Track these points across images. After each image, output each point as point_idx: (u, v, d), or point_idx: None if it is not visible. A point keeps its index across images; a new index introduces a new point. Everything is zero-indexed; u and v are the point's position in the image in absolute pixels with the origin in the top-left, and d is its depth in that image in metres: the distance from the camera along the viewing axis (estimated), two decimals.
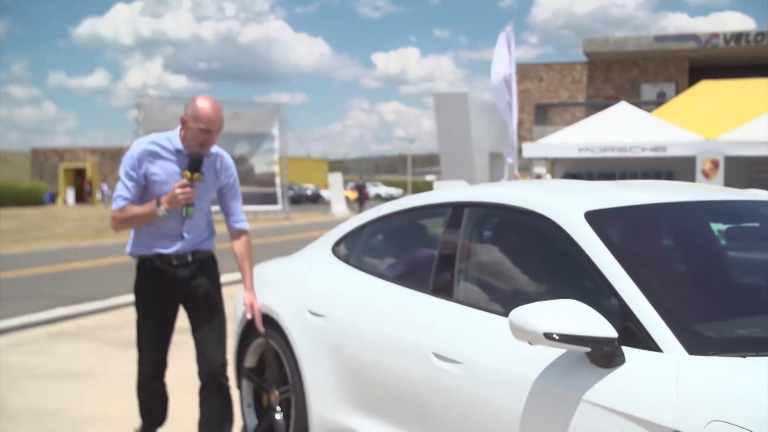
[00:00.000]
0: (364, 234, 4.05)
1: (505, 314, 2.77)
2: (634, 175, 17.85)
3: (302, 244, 4.92)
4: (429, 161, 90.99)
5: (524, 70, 33.63)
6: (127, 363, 6.47)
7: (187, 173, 3.68)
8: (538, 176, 18.37)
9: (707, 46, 32.12)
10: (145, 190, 3.75)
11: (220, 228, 4.05)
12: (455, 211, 3.46)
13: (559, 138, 16.39)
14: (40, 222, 30.00)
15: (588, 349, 2.39)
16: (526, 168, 21.11)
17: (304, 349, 3.80)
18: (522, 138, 23.84)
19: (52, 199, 53.20)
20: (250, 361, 4.31)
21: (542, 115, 31.42)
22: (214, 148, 3.85)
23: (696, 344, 2.35)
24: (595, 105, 31.12)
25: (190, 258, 3.85)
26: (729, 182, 14.24)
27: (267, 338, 4.07)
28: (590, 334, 2.34)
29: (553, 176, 18.48)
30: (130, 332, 8.06)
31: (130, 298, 9.55)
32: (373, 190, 59.51)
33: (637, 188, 3.58)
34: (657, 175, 17.54)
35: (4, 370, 6.41)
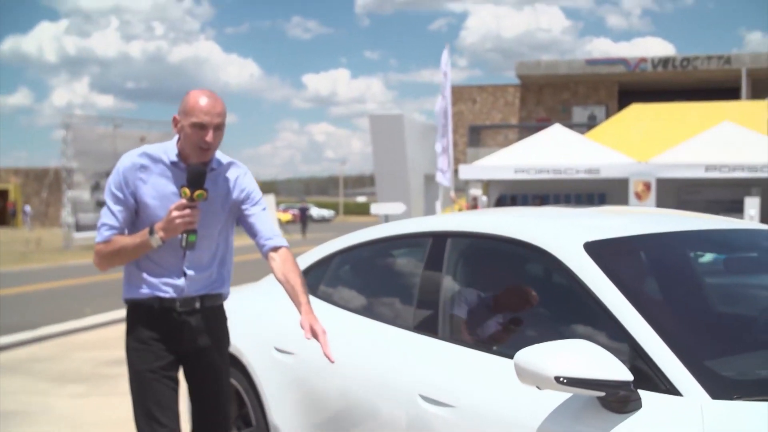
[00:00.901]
0: (333, 265, 3.72)
1: (502, 354, 2.59)
2: (567, 197, 18.00)
3: (237, 270, 4.65)
4: (360, 182, 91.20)
5: (458, 93, 33.83)
6: (66, 399, 6.18)
7: (186, 190, 2.87)
8: (475, 198, 18.37)
9: (636, 70, 32.81)
10: (136, 216, 3.01)
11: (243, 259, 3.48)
12: (436, 241, 3.20)
13: (495, 160, 16.43)
14: None
15: (602, 394, 2.17)
16: (462, 190, 21.12)
17: (270, 389, 3.48)
18: (456, 160, 23.88)
19: None
20: None
21: (476, 137, 31.58)
22: (224, 158, 3.12)
23: (718, 387, 2.17)
24: (527, 127, 31.42)
25: (198, 304, 3.05)
26: (660, 204, 14.43)
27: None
28: (604, 377, 2.13)
29: (489, 198, 18.51)
30: (66, 365, 7.83)
31: (63, 327, 9.52)
32: None
33: (629, 217, 3.39)
34: (590, 197, 17.74)
35: None
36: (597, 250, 2.66)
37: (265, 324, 3.69)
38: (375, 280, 3.68)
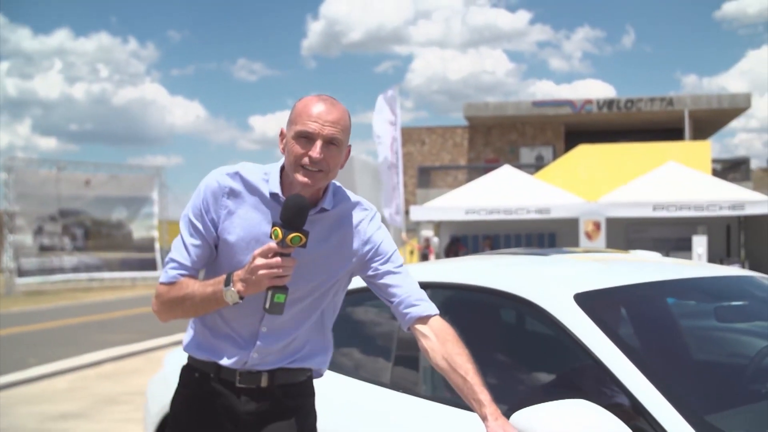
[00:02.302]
0: None
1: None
2: (518, 237, 18.11)
3: None
4: None
5: (407, 134, 34.03)
6: None
7: (278, 231, 2.05)
8: (427, 239, 18.36)
9: (581, 111, 33.41)
10: (216, 255, 2.27)
11: None
12: None
13: (446, 201, 16.46)
14: None
15: None
16: (412, 230, 21.10)
17: None
18: (406, 201, 23.89)
19: None
20: None
21: (425, 177, 31.74)
22: (348, 196, 2.35)
23: None
24: (476, 168, 31.71)
25: (264, 381, 2.29)
26: (610, 243, 14.60)
27: None
28: None
29: (440, 239, 18.51)
30: (9, 421, 7.39)
31: (4, 379, 9.09)
32: None
33: (612, 264, 3.28)
34: (540, 238, 17.88)
35: None
36: (588, 302, 2.53)
37: None
38: (346, 334, 3.45)
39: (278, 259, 2.04)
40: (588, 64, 73.51)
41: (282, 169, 2.25)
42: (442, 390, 2.82)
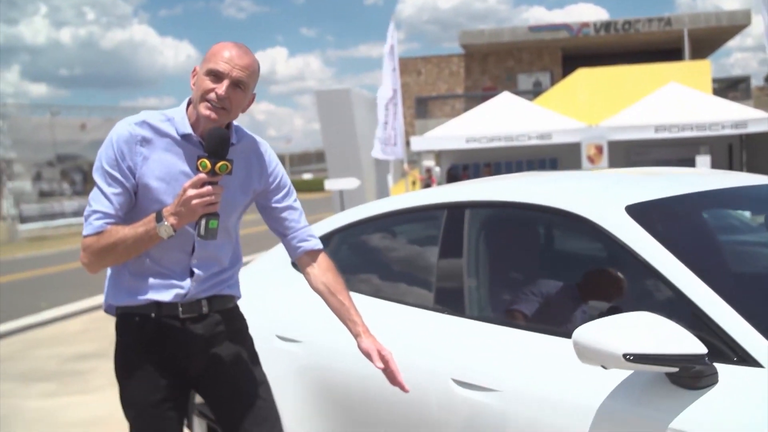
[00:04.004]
0: (332, 245, 3.40)
1: (545, 332, 2.38)
2: (519, 164, 18.06)
3: None
4: (305, 159, 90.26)
5: (402, 65, 33.60)
6: (37, 400, 5.86)
7: (206, 162, 2.21)
8: (429, 169, 18.34)
9: (579, 35, 33.04)
10: (136, 201, 2.37)
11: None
12: (452, 213, 2.93)
13: (446, 130, 16.36)
14: None
15: (675, 370, 1.99)
16: (413, 161, 21.05)
17: (273, 380, 3.08)
18: (405, 132, 23.79)
19: None
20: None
21: (423, 108, 31.53)
22: (246, 132, 2.52)
23: None
24: (473, 96, 31.47)
25: (205, 308, 2.47)
26: (612, 166, 14.57)
27: None
28: (677, 351, 1.94)
29: (441, 169, 18.48)
30: (29, 363, 7.44)
31: (20, 323, 9.16)
32: None
33: (664, 177, 3.10)
34: (542, 163, 17.83)
35: None
36: (641, 213, 2.43)
37: (260, 311, 3.31)
38: (382, 259, 3.39)
39: (209, 187, 2.21)
40: None
41: (187, 109, 2.40)
42: (491, 311, 2.76)
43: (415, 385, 2.56)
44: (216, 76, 2.27)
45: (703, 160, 13.87)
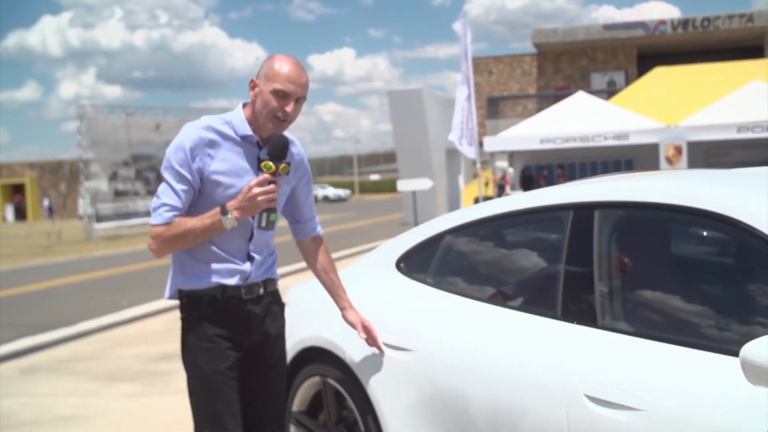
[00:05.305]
0: (443, 246, 3.26)
1: (699, 347, 2.19)
2: (594, 165, 17.73)
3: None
4: (373, 160, 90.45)
5: (474, 65, 33.43)
6: (121, 400, 5.87)
7: (270, 164, 2.60)
8: (503, 171, 18.14)
9: (655, 33, 32.29)
10: (200, 196, 2.70)
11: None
12: (579, 215, 2.74)
13: (520, 130, 16.15)
14: None
15: None
16: (485, 162, 20.84)
17: (380, 389, 3.06)
18: (477, 133, 23.64)
19: None
20: (299, 404, 3.56)
21: (494, 108, 31.25)
22: (289, 134, 2.82)
23: None
24: (546, 96, 31.10)
25: (261, 290, 2.80)
26: (691, 167, 14.16)
27: (325, 376, 3.35)
28: None
29: (514, 170, 18.25)
30: (112, 363, 7.45)
31: (101, 322, 9.25)
32: (320, 192, 58.04)
33: None
34: (617, 164, 17.47)
35: None
36: None
37: (368, 316, 3.15)
38: (499, 262, 3.20)
39: (272, 186, 2.60)
40: None
41: (243, 112, 2.74)
42: (630, 322, 2.52)
43: (543, 401, 2.42)
44: (283, 97, 2.61)
45: None
